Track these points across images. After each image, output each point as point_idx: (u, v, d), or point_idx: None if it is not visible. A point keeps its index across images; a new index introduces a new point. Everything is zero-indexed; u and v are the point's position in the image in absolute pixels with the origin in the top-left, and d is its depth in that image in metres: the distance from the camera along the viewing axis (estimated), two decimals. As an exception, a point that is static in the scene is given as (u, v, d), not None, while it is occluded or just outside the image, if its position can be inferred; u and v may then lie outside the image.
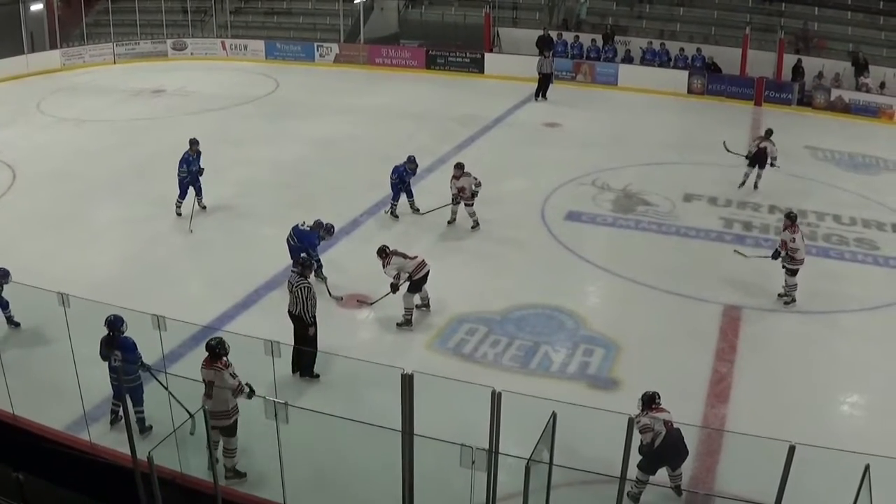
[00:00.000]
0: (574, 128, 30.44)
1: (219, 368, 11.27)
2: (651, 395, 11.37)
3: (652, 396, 11.36)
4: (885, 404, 14.12)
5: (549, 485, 9.07)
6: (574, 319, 16.39)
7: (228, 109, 32.49)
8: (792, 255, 16.83)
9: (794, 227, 16.91)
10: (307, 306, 14.02)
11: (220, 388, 11.20)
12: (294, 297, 14.13)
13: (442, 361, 14.66)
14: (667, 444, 11.18)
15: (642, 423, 11.02)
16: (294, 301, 14.13)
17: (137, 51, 42.05)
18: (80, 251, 19.15)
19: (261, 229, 20.13)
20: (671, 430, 11.16)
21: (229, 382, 11.22)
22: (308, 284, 14.11)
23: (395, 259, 15.98)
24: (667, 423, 11.15)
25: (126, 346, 12.11)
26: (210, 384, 11.19)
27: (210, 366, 11.33)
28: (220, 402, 11.21)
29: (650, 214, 21.83)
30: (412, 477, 9.24)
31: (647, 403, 11.30)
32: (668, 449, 11.21)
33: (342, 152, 26.69)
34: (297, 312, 14.12)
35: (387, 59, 40.88)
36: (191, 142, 21.08)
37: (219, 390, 11.20)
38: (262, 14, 45.65)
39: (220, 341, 11.53)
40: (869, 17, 36.55)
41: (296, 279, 14.21)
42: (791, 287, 17.09)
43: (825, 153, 27.95)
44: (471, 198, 20.41)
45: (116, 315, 12.12)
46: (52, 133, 29.14)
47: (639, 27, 39.35)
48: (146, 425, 12.37)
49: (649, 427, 11.03)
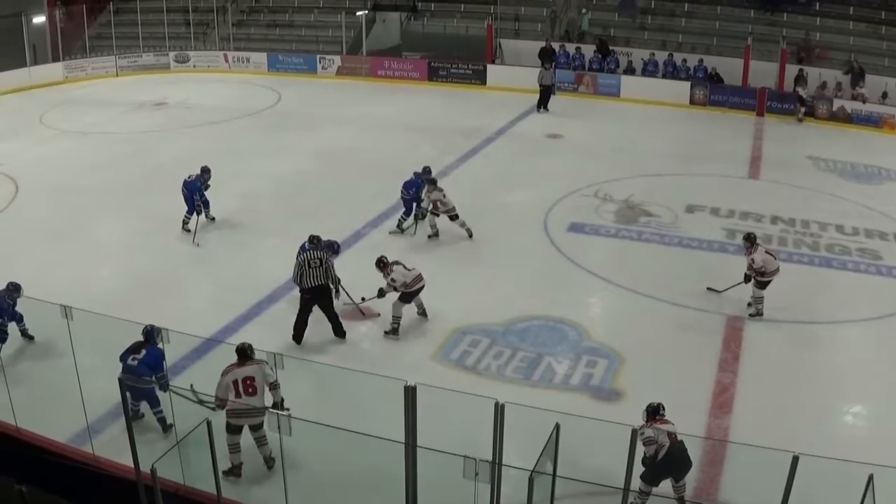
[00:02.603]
0: (576, 139, 30.46)
1: (259, 362, 11.75)
2: (655, 406, 11.36)
3: (656, 408, 11.34)
4: (888, 414, 14.07)
5: (552, 496, 9.06)
6: (577, 331, 16.37)
7: (231, 122, 32.55)
8: (760, 273, 16.78)
9: (752, 248, 16.88)
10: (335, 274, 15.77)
11: (260, 383, 11.66)
12: (323, 270, 15.47)
13: (445, 373, 14.64)
14: (671, 456, 11.07)
15: (646, 434, 10.94)
16: (323, 274, 15.44)
17: (140, 63, 42.17)
18: (83, 263, 19.16)
19: (263, 242, 20.14)
20: (675, 442, 11.07)
21: (271, 375, 11.68)
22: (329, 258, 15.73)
23: (397, 269, 16.17)
24: (670, 434, 11.06)
25: (154, 355, 12.39)
26: (250, 380, 11.63)
27: (246, 364, 11.74)
28: (261, 396, 11.71)
29: (653, 225, 21.82)
30: (416, 489, 9.24)
31: (652, 415, 11.28)
32: (671, 461, 11.11)
33: (345, 164, 26.70)
34: (322, 283, 15.46)
35: (389, 71, 40.95)
36: (203, 170, 21.00)
37: (260, 385, 11.67)
38: (264, 26, 45.76)
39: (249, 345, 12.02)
40: (871, 27, 36.61)
41: (318, 254, 15.55)
42: (758, 299, 16.98)
43: (827, 163, 27.93)
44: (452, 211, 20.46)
45: (154, 326, 12.37)
46: (55, 146, 29.17)
47: (641, 38, 39.39)
48: (167, 423, 12.42)
49: (653, 440, 10.93)
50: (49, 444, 11.89)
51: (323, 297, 15.60)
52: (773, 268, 16.85)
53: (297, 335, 15.58)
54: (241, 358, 11.83)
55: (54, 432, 12.20)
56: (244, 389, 11.63)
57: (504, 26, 41.05)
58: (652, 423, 11.13)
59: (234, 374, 11.66)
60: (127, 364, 12.20)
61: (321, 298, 15.59)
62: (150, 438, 12.28)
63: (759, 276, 16.79)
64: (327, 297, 15.68)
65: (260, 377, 11.66)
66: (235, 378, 11.65)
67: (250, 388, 11.64)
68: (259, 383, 11.67)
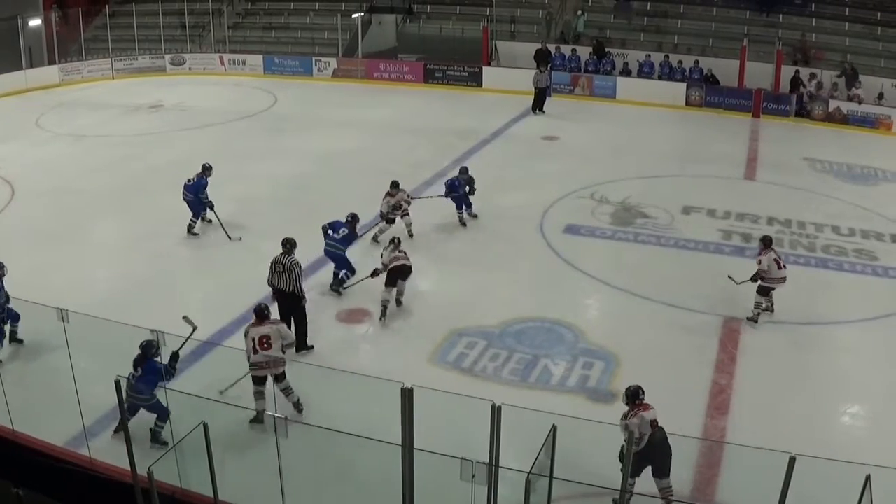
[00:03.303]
0: (572, 141, 30.48)
1: (275, 322, 13.48)
2: (635, 389, 11.32)
3: (636, 392, 11.30)
4: (885, 415, 14.08)
5: (549, 498, 9.06)
6: (573, 332, 16.38)
7: (227, 124, 32.55)
8: (762, 277, 16.83)
9: (764, 251, 16.93)
10: (299, 281, 15.16)
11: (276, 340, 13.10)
12: (287, 275, 15.13)
13: (441, 375, 14.64)
14: (653, 445, 11.01)
15: (631, 424, 10.92)
16: (288, 279, 15.15)
17: (136, 66, 42.17)
18: (79, 266, 19.15)
19: (260, 244, 20.09)
20: (656, 431, 11.01)
21: (287, 335, 13.57)
22: (298, 262, 15.24)
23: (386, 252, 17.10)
24: (652, 423, 11.02)
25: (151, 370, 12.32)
26: (266, 338, 13.02)
27: (263, 323, 13.21)
28: (276, 351, 13.09)
29: (649, 227, 21.84)
30: (412, 491, 9.24)
31: (632, 398, 11.28)
32: (653, 449, 11.02)
33: (341, 167, 26.69)
34: (290, 290, 15.10)
35: (385, 73, 40.98)
36: (205, 168, 20.89)
37: (275, 342, 13.08)
38: (260, 29, 45.75)
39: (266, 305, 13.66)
40: (866, 28, 36.73)
41: (285, 259, 15.25)
42: (757, 304, 16.97)
43: (823, 164, 27.98)
44: (405, 212, 20.75)
45: (150, 341, 12.25)
46: (51, 148, 29.16)
47: (636, 40, 39.43)
48: (160, 439, 12.37)
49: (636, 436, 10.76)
50: (46, 448, 11.88)
51: (286, 302, 15.37)
52: (775, 275, 16.84)
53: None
54: (258, 318, 13.29)
55: (51, 435, 12.19)
56: (260, 346, 13.00)
57: (500, 28, 41.13)
58: (635, 409, 11.14)
59: (253, 333, 13.11)
60: (129, 382, 12.18)
61: (284, 303, 15.39)
62: (146, 442, 12.27)
63: (762, 279, 16.83)
64: (290, 304, 15.33)
65: (276, 336, 13.10)
66: (254, 336, 13.07)
67: (265, 345, 13.00)
68: (275, 341, 13.06)
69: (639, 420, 10.99)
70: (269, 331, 13.13)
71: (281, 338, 13.22)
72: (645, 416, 11.03)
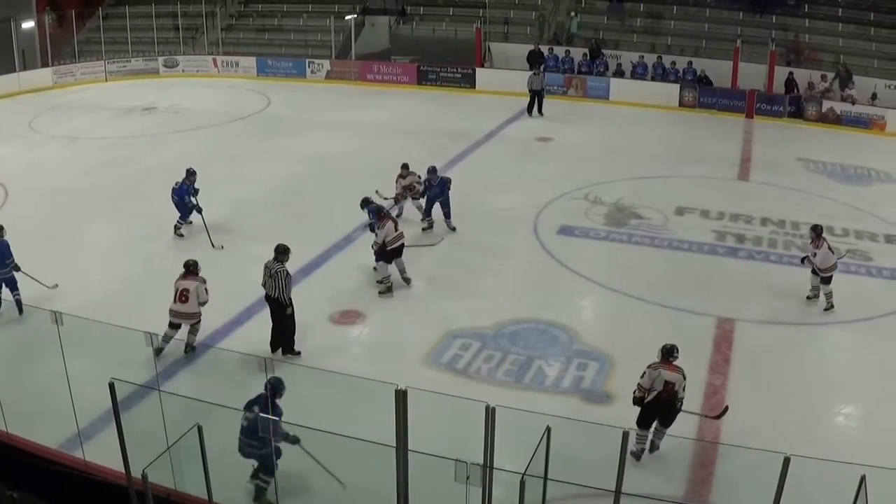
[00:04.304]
0: (566, 142, 30.49)
1: (199, 280, 15.15)
2: (670, 347, 12.32)
3: (670, 350, 12.30)
4: (879, 415, 14.09)
5: (543, 499, 9.05)
6: (567, 334, 16.38)
7: (220, 126, 32.51)
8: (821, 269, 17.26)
9: (818, 241, 17.41)
10: (284, 288, 15.07)
11: (193, 295, 14.96)
12: (274, 280, 15.11)
13: (436, 377, 14.64)
14: (658, 402, 12.11)
15: (647, 374, 12.19)
16: (273, 285, 15.12)
17: (129, 68, 42.12)
18: (73, 269, 19.08)
19: (253, 247, 20.06)
20: (668, 391, 12.00)
21: (203, 295, 15.10)
22: (285, 269, 15.13)
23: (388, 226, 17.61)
24: (668, 384, 11.99)
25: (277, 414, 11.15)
26: (185, 292, 14.96)
27: (187, 278, 15.12)
28: (192, 305, 15.01)
29: (643, 228, 21.85)
30: (407, 493, 9.22)
31: (665, 355, 12.29)
32: (658, 407, 12.14)
33: (334, 169, 26.67)
34: (276, 296, 15.10)
35: (378, 74, 40.97)
36: (189, 172, 20.86)
37: (192, 297, 14.96)
38: (253, 31, 45.69)
39: (195, 262, 15.41)
40: (859, 29, 36.79)
41: (273, 264, 15.19)
42: (828, 295, 17.46)
43: (817, 165, 28.02)
44: (417, 193, 21.79)
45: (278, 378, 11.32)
46: (44, 151, 29.13)
47: (629, 41, 39.46)
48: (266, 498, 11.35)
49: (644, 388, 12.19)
50: (40, 450, 11.85)
51: (271, 305, 15.41)
52: (829, 264, 17.23)
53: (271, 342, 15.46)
54: (185, 271, 15.22)
55: (45, 438, 12.16)
56: (179, 299, 15.01)
57: (493, 30, 41.13)
58: (661, 366, 12.18)
59: (177, 285, 15.12)
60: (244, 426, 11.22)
61: (271, 307, 15.46)
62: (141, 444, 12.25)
63: (821, 270, 17.23)
64: (275, 308, 15.33)
65: (194, 291, 14.96)
66: (177, 288, 15.07)
67: (183, 298, 14.99)
68: (192, 295, 14.94)
69: (656, 374, 12.11)
70: (189, 286, 14.99)
71: (198, 294, 14.99)
72: (663, 373, 12.08)
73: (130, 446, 10.35)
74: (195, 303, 14.99)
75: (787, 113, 33.88)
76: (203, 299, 15.08)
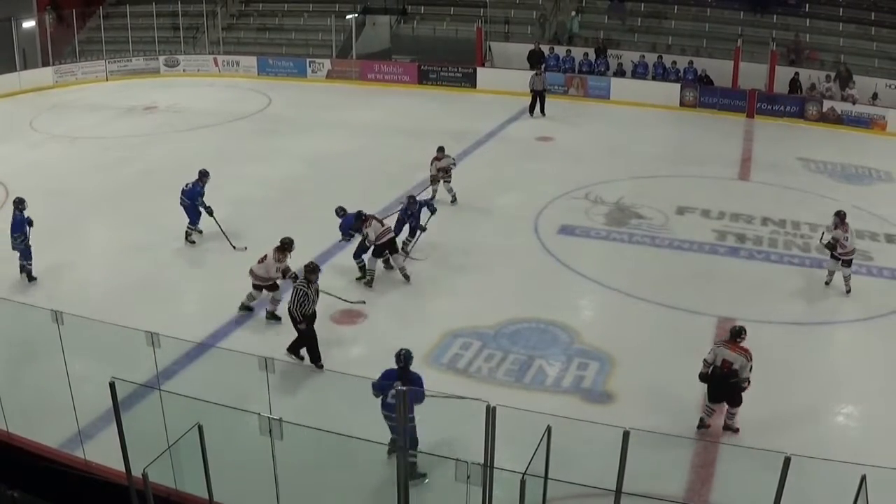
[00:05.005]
0: (567, 142, 30.49)
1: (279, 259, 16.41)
2: (739, 329, 13.04)
3: (738, 331, 13.01)
4: (880, 414, 14.09)
5: (544, 499, 9.05)
6: (568, 333, 16.38)
7: (220, 126, 32.51)
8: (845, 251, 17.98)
9: (843, 225, 18.09)
10: (295, 305, 14.87)
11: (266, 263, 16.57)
12: (292, 295, 15.09)
13: (436, 376, 14.61)
14: (713, 377, 12.97)
15: (709, 354, 13.11)
16: (291, 299, 15.10)
17: (129, 67, 42.12)
18: (73, 268, 19.11)
19: (254, 246, 20.10)
20: (721, 369, 12.84)
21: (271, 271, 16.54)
22: (301, 287, 14.95)
23: (374, 224, 18.04)
24: (725, 362, 12.79)
25: (416, 381, 11.70)
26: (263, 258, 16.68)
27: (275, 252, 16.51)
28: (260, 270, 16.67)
29: (643, 227, 21.85)
30: (408, 492, 9.23)
31: (732, 336, 13.04)
32: (714, 382, 13.00)
33: (335, 168, 26.65)
34: (289, 309, 15.07)
35: (379, 74, 40.96)
36: (202, 174, 20.74)
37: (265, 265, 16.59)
38: (254, 30, 45.69)
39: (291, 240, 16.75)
40: (860, 28, 36.76)
41: (297, 280, 15.33)
42: (846, 277, 18.21)
43: (818, 164, 28.01)
44: (448, 175, 22.91)
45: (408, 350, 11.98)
46: (45, 150, 29.13)
47: (630, 41, 39.43)
48: (418, 471, 11.32)
49: (708, 362, 13.07)
50: (40, 450, 11.85)
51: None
52: (851, 247, 17.98)
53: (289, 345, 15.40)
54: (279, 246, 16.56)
55: (46, 437, 12.17)
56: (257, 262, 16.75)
57: (494, 29, 41.10)
58: (725, 344, 13.03)
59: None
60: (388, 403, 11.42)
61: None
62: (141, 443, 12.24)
63: (843, 254, 17.97)
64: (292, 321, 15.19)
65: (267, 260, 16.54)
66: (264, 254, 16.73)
67: (259, 261, 16.70)
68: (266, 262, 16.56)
69: (718, 351, 13.00)
70: (269, 255, 16.53)
71: (266, 266, 16.50)
72: (724, 351, 12.91)
73: (131, 446, 10.35)
74: (263, 270, 16.54)
75: (788, 113, 33.85)
76: (270, 273, 16.51)
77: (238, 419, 11.36)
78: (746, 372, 12.76)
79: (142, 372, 12.28)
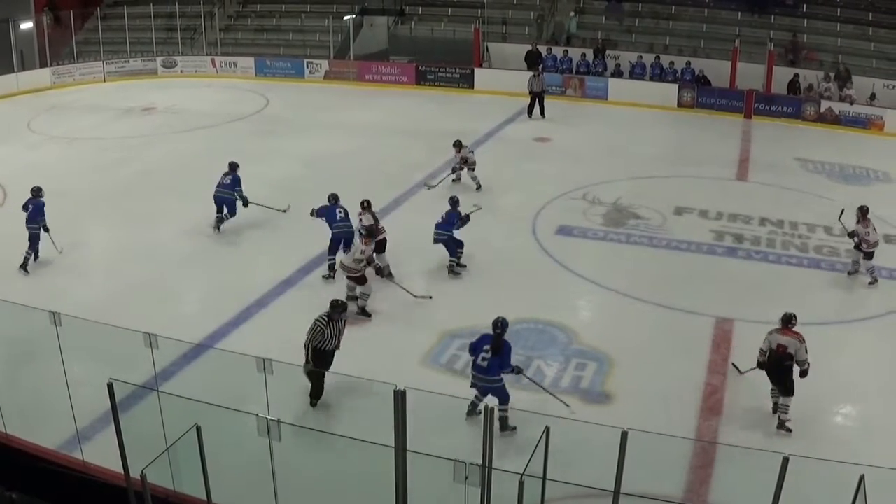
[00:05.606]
0: (564, 142, 30.49)
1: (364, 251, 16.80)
2: (789, 315, 13.59)
3: (789, 317, 13.57)
4: (879, 414, 14.11)
5: (542, 499, 9.05)
6: (566, 333, 16.39)
7: (219, 127, 32.50)
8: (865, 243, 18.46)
9: (865, 220, 18.54)
10: (308, 339, 13.94)
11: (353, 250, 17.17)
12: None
13: (434, 377, 14.64)
14: (769, 362, 13.44)
15: (764, 343, 13.58)
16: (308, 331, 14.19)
17: (127, 69, 42.09)
18: (71, 269, 19.11)
19: (251, 247, 20.12)
20: (778, 354, 13.30)
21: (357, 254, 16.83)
22: (320, 325, 13.88)
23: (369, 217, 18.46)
24: (780, 346, 13.27)
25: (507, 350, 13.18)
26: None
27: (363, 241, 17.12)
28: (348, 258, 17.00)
29: (641, 228, 21.86)
30: (406, 493, 9.22)
31: (784, 321, 13.54)
32: (769, 366, 13.47)
33: (333, 169, 26.58)
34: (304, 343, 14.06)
35: (377, 75, 40.96)
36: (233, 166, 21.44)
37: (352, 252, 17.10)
38: (251, 31, 45.68)
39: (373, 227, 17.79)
40: (858, 29, 36.78)
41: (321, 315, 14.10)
42: (870, 269, 18.67)
43: (816, 165, 28.03)
44: (473, 165, 24.56)
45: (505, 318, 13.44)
46: (43, 151, 29.11)
47: (628, 41, 39.45)
48: (508, 424, 12.82)
49: (763, 351, 13.58)
50: (39, 451, 11.84)
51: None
52: (874, 240, 18.38)
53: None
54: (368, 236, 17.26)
55: (44, 439, 12.15)
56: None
57: (491, 30, 41.09)
58: (777, 331, 13.49)
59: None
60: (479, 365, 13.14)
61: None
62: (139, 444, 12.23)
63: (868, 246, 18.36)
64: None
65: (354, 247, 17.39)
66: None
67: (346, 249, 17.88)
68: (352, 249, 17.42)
69: (771, 338, 13.47)
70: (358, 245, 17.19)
71: (354, 251, 17.11)
72: (778, 338, 13.39)
73: (129, 447, 10.34)
74: (351, 257, 16.96)
75: (786, 113, 33.86)
76: (356, 256, 16.82)
77: (236, 420, 11.35)
78: (803, 353, 13.26)
79: (140, 373, 12.26)
